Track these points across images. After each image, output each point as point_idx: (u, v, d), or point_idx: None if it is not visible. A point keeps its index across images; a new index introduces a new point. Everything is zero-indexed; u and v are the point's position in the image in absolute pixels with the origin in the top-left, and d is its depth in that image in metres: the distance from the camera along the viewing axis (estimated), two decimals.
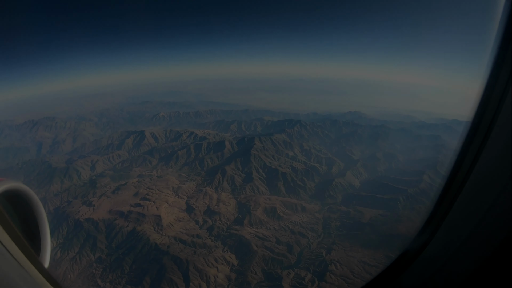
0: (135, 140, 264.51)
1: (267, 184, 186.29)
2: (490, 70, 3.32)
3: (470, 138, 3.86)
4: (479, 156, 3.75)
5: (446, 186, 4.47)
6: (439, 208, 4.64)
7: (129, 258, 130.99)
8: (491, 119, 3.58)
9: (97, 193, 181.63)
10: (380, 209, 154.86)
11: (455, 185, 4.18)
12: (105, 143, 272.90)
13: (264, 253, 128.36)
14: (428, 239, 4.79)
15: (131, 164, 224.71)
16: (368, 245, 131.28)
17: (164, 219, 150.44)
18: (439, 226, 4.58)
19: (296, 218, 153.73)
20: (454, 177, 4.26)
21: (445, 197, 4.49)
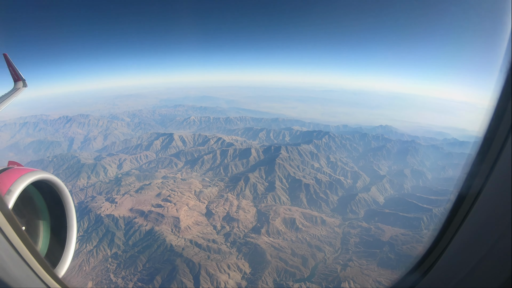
0: (164, 142, 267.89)
1: (289, 194, 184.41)
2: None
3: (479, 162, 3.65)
4: (495, 166, 3.47)
5: (456, 205, 4.06)
6: (447, 229, 4.24)
7: (143, 256, 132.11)
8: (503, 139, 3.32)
9: (121, 191, 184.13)
10: (402, 228, 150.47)
11: (465, 206, 3.90)
12: (134, 143, 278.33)
13: (278, 263, 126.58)
14: (424, 274, 4.55)
15: (157, 165, 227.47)
16: (385, 265, 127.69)
17: (183, 222, 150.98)
18: (432, 266, 4.36)
19: (314, 231, 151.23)
20: (460, 204, 3.96)
21: (447, 229, 4.17)
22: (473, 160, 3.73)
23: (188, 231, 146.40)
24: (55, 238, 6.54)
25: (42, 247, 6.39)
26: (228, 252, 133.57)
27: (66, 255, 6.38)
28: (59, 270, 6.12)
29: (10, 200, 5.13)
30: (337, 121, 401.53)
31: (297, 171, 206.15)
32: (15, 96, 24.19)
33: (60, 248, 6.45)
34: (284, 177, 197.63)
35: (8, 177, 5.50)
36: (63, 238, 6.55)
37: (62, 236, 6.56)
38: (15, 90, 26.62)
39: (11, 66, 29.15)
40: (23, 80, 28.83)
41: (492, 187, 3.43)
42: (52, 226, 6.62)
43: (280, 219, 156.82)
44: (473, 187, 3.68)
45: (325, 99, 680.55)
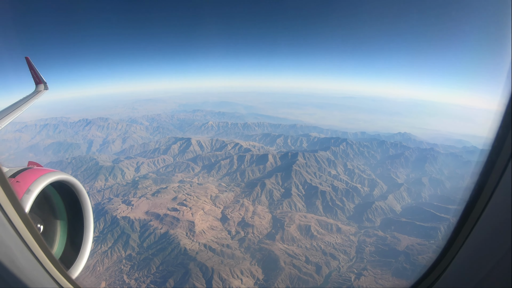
0: (181, 146, 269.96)
1: (305, 201, 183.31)
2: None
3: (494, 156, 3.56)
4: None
5: (461, 220, 3.99)
6: (453, 243, 4.17)
7: (157, 259, 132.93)
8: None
9: (138, 193, 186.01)
10: (419, 237, 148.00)
11: (472, 218, 3.80)
12: (152, 146, 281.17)
13: (291, 270, 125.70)
14: (437, 277, 4.46)
15: (174, 169, 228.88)
16: (400, 275, 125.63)
17: (198, 226, 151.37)
18: (449, 264, 4.25)
19: (329, 239, 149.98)
20: (471, 207, 3.81)
21: (460, 232, 4.05)
22: (484, 163, 3.66)
23: (203, 235, 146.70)
24: (71, 238, 6.67)
25: (59, 246, 6.51)
26: (242, 258, 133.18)
27: (81, 255, 6.48)
28: (74, 270, 6.22)
29: (29, 199, 5.23)
30: (355, 128, 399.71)
31: (313, 178, 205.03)
32: (36, 98, 24.48)
33: (76, 248, 6.57)
34: (300, 184, 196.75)
35: (28, 177, 5.65)
36: (80, 238, 6.67)
37: (79, 237, 6.68)
38: (36, 92, 26.90)
39: (33, 69, 29.49)
40: (44, 83, 29.02)
41: (502, 193, 3.38)
42: (69, 226, 6.75)
43: (295, 225, 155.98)
44: (484, 192, 3.60)
45: (344, 106, 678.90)
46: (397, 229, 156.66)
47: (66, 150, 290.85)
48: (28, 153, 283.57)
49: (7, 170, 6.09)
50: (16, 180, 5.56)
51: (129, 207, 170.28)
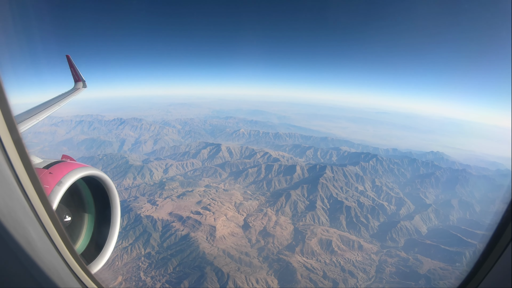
0: (211, 151, 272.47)
1: (329, 215, 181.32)
2: None
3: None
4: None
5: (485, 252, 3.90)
6: (476, 273, 4.06)
7: (175, 259, 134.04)
8: None
9: (164, 194, 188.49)
10: (442, 261, 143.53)
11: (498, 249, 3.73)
12: (182, 150, 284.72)
13: (307, 284, 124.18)
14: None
15: (202, 174, 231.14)
16: None
17: (219, 231, 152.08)
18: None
19: (350, 256, 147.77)
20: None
21: (484, 262, 3.94)
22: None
23: (223, 241, 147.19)
24: (97, 233, 6.88)
25: (84, 239, 6.73)
26: (259, 267, 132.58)
27: (105, 251, 6.69)
28: (95, 265, 6.43)
29: (60, 191, 5.48)
30: (387, 144, 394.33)
31: (340, 192, 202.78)
32: (74, 95, 25.18)
33: (100, 243, 6.78)
34: (326, 197, 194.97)
35: (61, 169, 5.94)
36: (105, 234, 6.87)
37: (104, 232, 6.88)
38: (75, 89, 27.62)
39: (73, 67, 30.28)
40: (83, 81, 29.87)
41: None
42: (96, 221, 6.95)
43: (317, 239, 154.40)
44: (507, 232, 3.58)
45: (377, 121, 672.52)
46: (420, 251, 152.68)
47: (99, 147, 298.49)
48: (62, 146, 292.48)
49: (41, 161, 6.44)
50: (49, 171, 5.87)
51: (154, 206, 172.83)
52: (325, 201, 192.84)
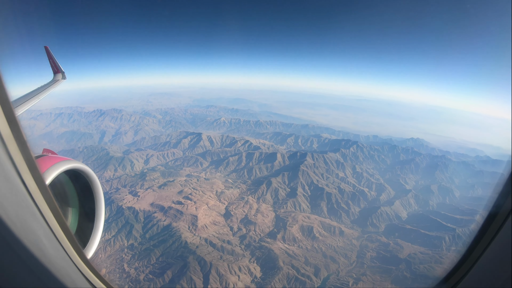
0: (192, 141, 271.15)
1: (310, 202, 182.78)
2: None
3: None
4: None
5: (477, 237, 4.08)
6: (467, 258, 4.25)
7: (158, 250, 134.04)
8: None
9: (145, 185, 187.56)
10: (422, 246, 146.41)
11: (489, 234, 3.91)
12: (163, 140, 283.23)
13: (289, 271, 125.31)
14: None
15: (183, 163, 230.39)
16: (399, 283, 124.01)
17: (200, 220, 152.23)
18: (463, 278, 4.37)
19: (331, 241, 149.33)
20: (489, 224, 3.94)
21: (476, 247, 4.10)
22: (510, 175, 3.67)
23: (205, 230, 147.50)
24: (82, 226, 6.76)
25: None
26: (241, 255, 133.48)
27: (91, 244, 6.61)
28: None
29: None
30: (368, 131, 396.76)
31: (320, 179, 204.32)
32: (53, 87, 24.89)
33: (86, 236, 6.68)
34: (306, 184, 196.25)
35: (42, 163, 5.72)
36: (90, 226, 6.79)
37: (89, 225, 6.80)
38: (54, 81, 27.31)
39: (52, 59, 29.90)
40: (62, 73, 29.54)
41: None
42: (80, 214, 6.84)
43: (298, 226, 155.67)
44: (506, 203, 3.66)
45: (358, 108, 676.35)
46: (400, 236, 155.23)
47: (79, 139, 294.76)
48: (42, 140, 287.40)
49: None
50: None
51: (135, 198, 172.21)
52: (306, 188, 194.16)
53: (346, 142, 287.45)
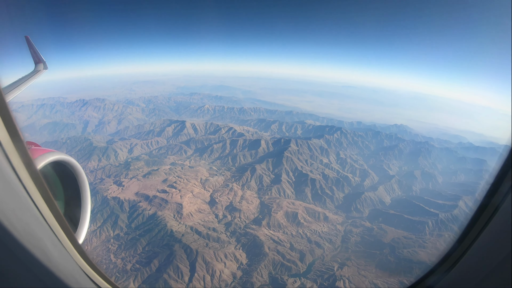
0: (176, 129, 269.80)
1: (295, 188, 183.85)
2: None
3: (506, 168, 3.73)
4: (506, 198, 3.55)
5: (471, 221, 4.18)
6: (458, 247, 4.41)
7: (144, 239, 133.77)
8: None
9: (129, 174, 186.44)
10: (406, 230, 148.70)
11: (484, 218, 3.98)
12: (147, 128, 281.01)
13: (275, 257, 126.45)
14: (442, 275, 4.66)
15: (167, 152, 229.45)
16: (383, 267, 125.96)
17: (185, 208, 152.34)
18: (456, 263, 4.42)
19: (316, 227, 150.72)
20: (484, 208, 4.01)
21: (469, 232, 4.21)
22: (503, 163, 3.77)
23: (190, 218, 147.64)
24: (68, 219, 6.63)
25: None
26: (227, 242, 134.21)
27: (79, 235, 6.54)
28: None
29: None
30: (352, 118, 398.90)
31: (304, 165, 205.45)
32: (35, 78, 24.43)
33: (72, 228, 6.44)
34: (291, 171, 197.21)
35: None
36: (77, 218, 6.71)
37: (76, 217, 6.72)
38: (35, 72, 26.86)
39: (32, 48, 29.50)
40: (43, 63, 29.03)
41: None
42: (66, 207, 6.77)
43: (283, 212, 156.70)
44: (500, 190, 3.71)
45: (343, 95, 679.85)
46: (384, 221, 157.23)
47: (62, 130, 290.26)
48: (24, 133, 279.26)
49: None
50: None
51: (120, 187, 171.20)
52: (290, 174, 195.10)
53: (330, 128, 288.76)
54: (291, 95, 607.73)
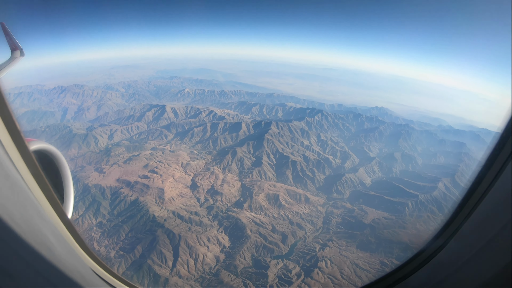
0: (156, 113, 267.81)
1: (276, 170, 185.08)
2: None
3: (498, 150, 3.81)
4: (503, 169, 3.65)
5: (467, 195, 4.33)
6: (457, 216, 4.56)
7: (127, 226, 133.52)
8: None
9: (110, 161, 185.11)
10: (386, 211, 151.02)
11: (477, 195, 4.15)
12: (127, 114, 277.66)
13: (257, 239, 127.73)
14: (442, 245, 4.76)
15: (148, 137, 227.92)
16: (364, 248, 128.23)
17: (167, 193, 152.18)
18: (454, 234, 4.54)
19: (297, 209, 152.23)
20: (477, 186, 4.15)
21: (464, 206, 4.39)
22: (494, 147, 3.83)
23: (172, 202, 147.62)
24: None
25: None
26: (209, 225, 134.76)
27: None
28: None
29: None
30: (333, 100, 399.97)
31: (285, 147, 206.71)
32: (12, 66, 23.87)
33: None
34: (272, 153, 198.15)
35: None
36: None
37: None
38: (12, 59, 26.47)
39: (8, 35, 28.85)
40: (20, 49, 28.55)
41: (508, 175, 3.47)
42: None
43: (264, 194, 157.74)
44: (490, 172, 3.80)
45: (325, 78, 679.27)
46: (365, 202, 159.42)
47: (41, 119, 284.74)
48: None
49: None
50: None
51: (101, 174, 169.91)
52: (271, 157, 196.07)
53: (311, 110, 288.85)
54: (272, 78, 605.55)
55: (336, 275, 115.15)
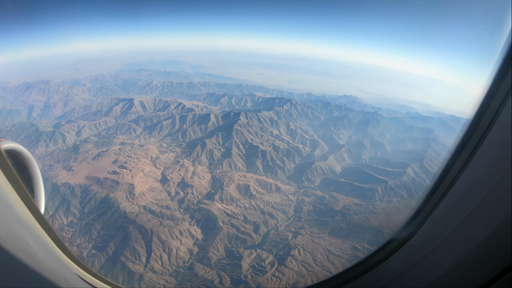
0: (124, 107, 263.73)
1: (246, 160, 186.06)
2: (496, 70, 3.32)
3: (468, 135, 3.89)
4: (474, 154, 3.75)
5: (439, 179, 4.47)
6: (429, 200, 4.70)
7: (98, 224, 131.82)
8: (490, 120, 3.57)
9: (79, 158, 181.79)
10: (356, 197, 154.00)
11: (448, 180, 4.24)
12: (94, 109, 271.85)
13: (229, 230, 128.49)
14: (415, 229, 4.94)
15: (116, 132, 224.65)
16: (336, 234, 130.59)
17: (137, 188, 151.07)
18: (427, 218, 4.68)
19: (268, 198, 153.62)
20: (447, 171, 4.27)
21: (436, 190, 4.52)
22: (463, 133, 4.00)
23: (142, 197, 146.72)
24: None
25: None
26: (181, 219, 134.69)
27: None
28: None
29: None
30: (302, 89, 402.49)
31: (255, 137, 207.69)
32: None
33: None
34: (241, 143, 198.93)
35: None
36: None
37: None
38: None
39: None
40: None
41: (494, 136, 3.58)
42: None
43: (235, 185, 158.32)
44: (461, 157, 3.96)
45: (293, 67, 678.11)
46: (335, 189, 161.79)
47: (6, 118, 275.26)
48: None
49: None
50: None
51: (70, 172, 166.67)
52: (241, 147, 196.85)
53: (280, 100, 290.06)
54: (241, 68, 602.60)
55: (309, 262, 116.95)
